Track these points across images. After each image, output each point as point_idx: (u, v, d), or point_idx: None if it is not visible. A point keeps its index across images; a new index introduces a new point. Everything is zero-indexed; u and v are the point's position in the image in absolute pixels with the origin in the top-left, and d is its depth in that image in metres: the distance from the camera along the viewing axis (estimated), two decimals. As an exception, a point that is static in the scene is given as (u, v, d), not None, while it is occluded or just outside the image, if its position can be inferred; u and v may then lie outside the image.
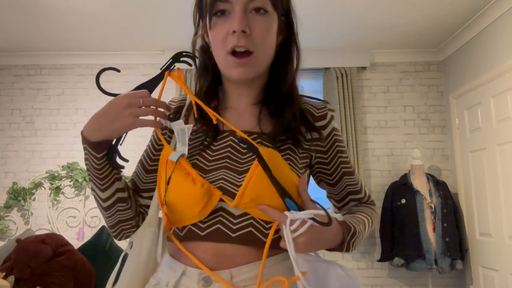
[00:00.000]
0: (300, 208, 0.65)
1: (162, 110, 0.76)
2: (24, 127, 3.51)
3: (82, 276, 2.58)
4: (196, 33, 0.82)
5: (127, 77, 3.57)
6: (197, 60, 0.84)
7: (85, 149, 0.74)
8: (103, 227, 3.00)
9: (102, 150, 0.74)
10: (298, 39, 0.83)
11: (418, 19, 2.97)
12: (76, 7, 2.76)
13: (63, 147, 3.46)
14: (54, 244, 2.61)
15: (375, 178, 3.39)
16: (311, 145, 0.80)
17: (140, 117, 0.71)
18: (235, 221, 0.69)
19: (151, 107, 0.72)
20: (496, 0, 2.64)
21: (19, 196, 3.27)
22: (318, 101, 0.86)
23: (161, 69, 0.80)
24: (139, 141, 3.45)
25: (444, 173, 3.37)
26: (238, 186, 0.69)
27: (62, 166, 3.35)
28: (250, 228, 0.69)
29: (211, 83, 0.83)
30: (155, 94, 0.81)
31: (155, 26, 3.06)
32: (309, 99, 0.86)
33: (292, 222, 0.64)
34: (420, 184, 3.00)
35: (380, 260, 3.05)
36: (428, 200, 2.92)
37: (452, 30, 3.13)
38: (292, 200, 0.66)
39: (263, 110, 0.80)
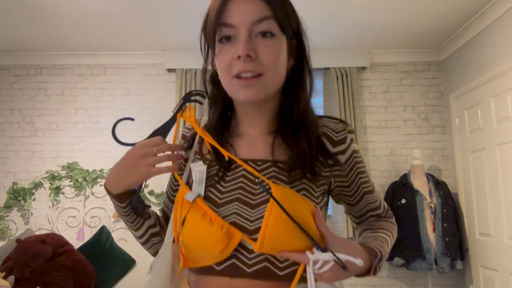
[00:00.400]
0: (321, 247, 0.65)
1: (177, 153, 0.76)
2: (24, 127, 3.51)
3: (82, 276, 2.58)
4: (206, 61, 0.79)
5: (127, 77, 3.57)
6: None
7: (111, 199, 0.77)
8: (103, 227, 3.00)
9: (125, 200, 0.77)
10: (311, 63, 0.79)
11: (418, 19, 2.97)
12: (76, 7, 2.76)
13: (63, 147, 3.46)
14: (54, 244, 2.61)
15: (375, 178, 3.39)
16: (330, 171, 0.77)
17: (156, 166, 0.72)
18: (250, 256, 0.69)
19: (166, 153, 0.73)
20: (496, 0, 2.65)
21: (19, 196, 3.27)
22: (336, 122, 0.81)
23: (173, 111, 0.81)
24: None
25: (444, 173, 3.37)
26: (252, 221, 0.69)
27: (62, 166, 3.35)
28: (266, 263, 0.68)
29: (220, 115, 0.81)
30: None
31: (155, 26, 3.06)
32: (327, 121, 0.81)
33: (315, 262, 0.64)
34: (420, 184, 3.00)
35: (380, 260, 3.05)
36: (428, 200, 2.93)
37: (452, 30, 3.13)
38: (312, 239, 0.64)
39: (277, 138, 0.77)
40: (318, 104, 3.46)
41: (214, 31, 0.70)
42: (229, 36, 0.69)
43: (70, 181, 3.36)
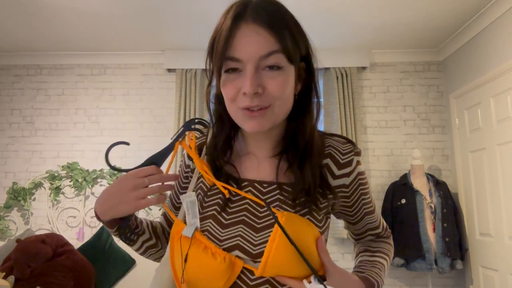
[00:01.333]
0: (319, 277, 0.65)
1: (168, 184, 0.75)
2: (24, 127, 3.51)
3: (82, 276, 2.58)
4: (209, 83, 0.77)
5: (127, 77, 3.57)
6: (208, 122, 0.82)
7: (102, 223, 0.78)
8: (103, 227, 3.00)
9: (114, 226, 0.77)
10: (319, 87, 0.77)
11: (418, 19, 2.97)
12: (76, 7, 2.76)
13: (63, 147, 3.46)
14: (54, 244, 2.61)
15: (375, 178, 3.39)
16: (333, 198, 0.78)
17: (146, 198, 0.71)
18: (252, 277, 0.70)
19: (158, 184, 0.73)
20: (496, 0, 2.65)
21: (19, 196, 3.27)
22: (344, 142, 0.80)
23: (172, 139, 0.78)
24: (139, 141, 3.47)
25: (444, 173, 3.37)
26: (255, 246, 0.70)
27: (62, 166, 3.35)
28: (267, 285, 0.70)
29: (227, 137, 0.79)
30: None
31: (155, 26, 3.06)
32: (335, 140, 0.80)
33: None
34: (420, 184, 3.00)
35: (380, 260, 3.05)
36: (428, 200, 2.92)
37: (452, 30, 3.13)
38: (312, 268, 0.65)
39: (282, 161, 0.76)
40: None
41: (221, 62, 0.68)
42: (236, 68, 0.67)
43: (70, 181, 3.36)
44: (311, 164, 0.74)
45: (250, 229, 0.72)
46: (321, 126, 3.38)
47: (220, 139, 0.78)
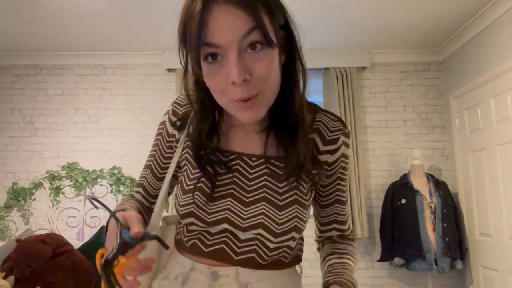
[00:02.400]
0: None
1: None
2: (24, 127, 3.51)
3: (82, 276, 2.58)
4: (186, 71, 0.72)
5: (127, 77, 3.57)
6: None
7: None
8: (103, 227, 3.00)
9: None
10: (303, 55, 0.73)
11: (418, 19, 2.97)
12: (76, 7, 2.76)
13: (63, 147, 3.46)
14: (54, 244, 2.61)
15: (375, 178, 3.39)
16: (321, 166, 0.77)
17: None
18: (240, 245, 0.72)
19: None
20: (496, 0, 2.65)
21: (19, 196, 3.27)
22: (334, 119, 0.78)
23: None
24: (139, 141, 3.47)
25: (444, 173, 3.37)
26: (244, 219, 0.71)
27: (62, 166, 3.35)
28: (253, 254, 0.72)
29: (212, 124, 0.75)
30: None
31: (155, 26, 3.06)
32: (325, 115, 0.79)
33: None
34: (420, 184, 3.00)
35: (380, 260, 3.05)
36: (428, 200, 2.92)
37: (452, 30, 3.13)
38: None
39: (271, 135, 0.74)
40: (318, 104, 3.46)
41: (198, 51, 0.62)
42: (215, 55, 0.62)
43: (70, 181, 3.36)
44: (303, 137, 0.72)
45: (238, 202, 0.72)
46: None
47: (205, 127, 0.74)
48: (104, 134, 3.48)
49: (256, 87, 0.63)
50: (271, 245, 0.72)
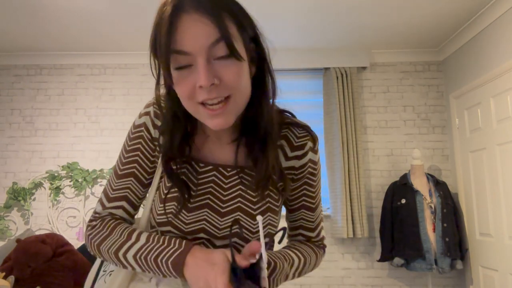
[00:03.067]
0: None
1: None
2: (24, 127, 3.51)
3: (82, 276, 2.58)
4: (158, 81, 0.69)
5: (127, 77, 3.57)
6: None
7: (171, 272, 0.68)
8: (103, 227, 3.00)
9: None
10: (271, 67, 0.73)
11: (418, 19, 2.97)
12: (76, 7, 2.76)
13: (63, 147, 3.46)
14: (54, 244, 2.61)
15: (375, 178, 3.39)
16: (284, 177, 0.78)
17: None
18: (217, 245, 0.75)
19: None
20: (496, 0, 2.65)
21: (19, 196, 3.27)
22: (301, 126, 0.80)
23: None
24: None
25: (444, 173, 3.37)
26: (220, 229, 0.73)
27: (62, 166, 3.35)
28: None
29: (184, 134, 0.74)
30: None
31: (155, 26, 3.05)
32: (292, 121, 0.80)
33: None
34: (420, 184, 3.00)
35: (380, 260, 3.05)
36: (428, 200, 2.92)
37: (452, 30, 3.13)
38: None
39: (241, 145, 0.75)
40: (318, 104, 3.46)
41: (168, 58, 0.62)
42: (186, 64, 0.63)
43: (70, 181, 3.36)
44: (272, 149, 0.73)
45: (215, 213, 0.74)
46: (320, 125, 3.38)
47: (177, 137, 0.73)
48: (104, 134, 3.48)
49: (224, 90, 0.63)
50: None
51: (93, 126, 3.49)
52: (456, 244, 2.88)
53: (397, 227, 2.94)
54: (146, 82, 3.56)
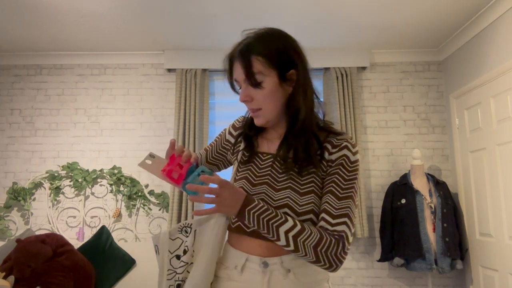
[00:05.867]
0: None
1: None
2: (24, 127, 3.51)
3: (82, 276, 2.58)
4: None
5: (127, 77, 3.57)
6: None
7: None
8: (103, 227, 3.00)
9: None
10: (311, 88, 1.03)
11: (418, 19, 2.97)
12: (76, 7, 2.76)
13: (63, 147, 3.46)
14: (54, 244, 2.61)
15: (375, 178, 3.39)
16: (327, 166, 1.00)
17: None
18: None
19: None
20: (496, 0, 2.65)
21: (19, 196, 3.27)
22: (342, 133, 1.03)
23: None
24: (139, 141, 3.47)
25: (444, 173, 3.37)
26: (275, 200, 0.97)
27: (62, 166, 3.35)
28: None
29: (252, 121, 1.09)
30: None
31: (155, 26, 3.06)
32: (337, 132, 1.03)
33: None
34: (420, 184, 3.00)
35: (380, 260, 3.05)
36: (428, 200, 2.92)
37: (452, 30, 3.14)
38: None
39: (284, 140, 1.03)
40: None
41: (232, 83, 1.04)
42: (240, 85, 1.02)
43: (70, 181, 3.36)
44: (302, 139, 0.99)
45: (271, 188, 1.00)
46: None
47: (249, 121, 1.12)
48: (104, 134, 3.48)
49: (256, 105, 1.00)
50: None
51: (93, 126, 3.49)
52: (456, 244, 2.88)
53: (397, 227, 2.94)
54: (146, 82, 3.56)
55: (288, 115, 1.02)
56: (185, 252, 1.02)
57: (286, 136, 1.03)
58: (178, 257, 1.04)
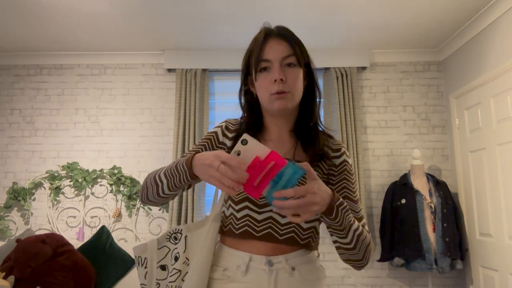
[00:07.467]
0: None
1: (232, 182, 0.80)
2: (24, 127, 3.51)
3: (82, 276, 2.58)
4: (242, 86, 1.09)
5: (127, 77, 3.57)
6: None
7: (184, 168, 0.90)
8: (103, 227, 3.00)
9: (191, 178, 0.92)
10: (318, 84, 1.08)
11: (418, 19, 2.97)
12: (76, 7, 2.76)
13: (63, 147, 3.46)
14: (54, 244, 2.61)
15: (375, 178, 3.39)
16: (329, 169, 1.05)
17: (216, 179, 0.81)
18: (282, 228, 0.97)
19: (226, 175, 0.79)
20: (496, 0, 2.65)
21: (19, 196, 3.27)
22: (335, 139, 1.10)
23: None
24: (139, 141, 3.47)
25: (444, 173, 3.37)
26: (283, 216, 0.96)
27: (62, 166, 3.35)
28: (293, 234, 0.98)
29: (256, 118, 1.09)
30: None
31: (155, 26, 3.06)
32: (331, 136, 1.10)
33: None
34: (420, 184, 3.00)
35: (380, 260, 3.05)
36: (428, 200, 2.92)
37: (452, 30, 3.14)
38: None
39: (298, 142, 1.06)
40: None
41: (257, 64, 1.00)
42: (266, 67, 1.00)
43: (70, 181, 3.36)
44: (319, 139, 1.04)
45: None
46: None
47: (252, 119, 1.08)
48: (104, 134, 3.48)
49: (287, 87, 0.98)
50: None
51: (93, 126, 3.49)
52: (456, 244, 2.88)
53: (397, 227, 2.94)
54: (146, 82, 3.56)
55: (298, 111, 1.07)
56: (176, 259, 1.00)
57: (301, 135, 1.06)
58: (163, 267, 1.01)
